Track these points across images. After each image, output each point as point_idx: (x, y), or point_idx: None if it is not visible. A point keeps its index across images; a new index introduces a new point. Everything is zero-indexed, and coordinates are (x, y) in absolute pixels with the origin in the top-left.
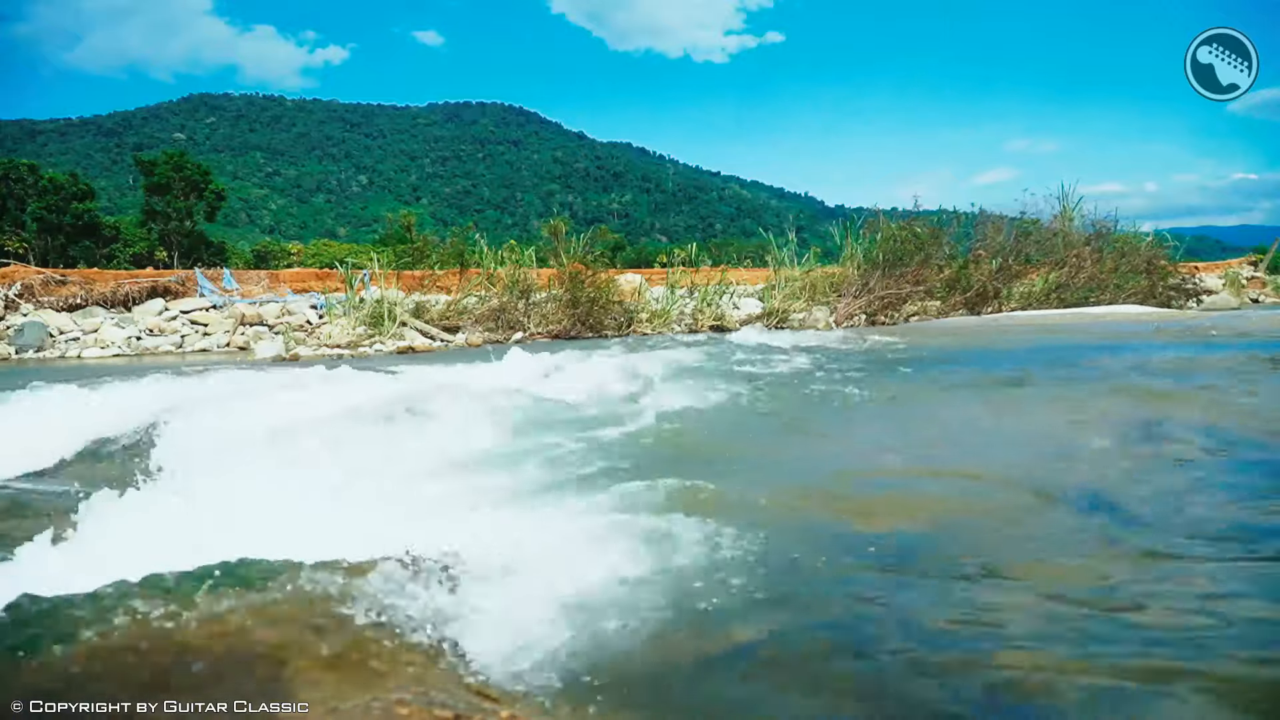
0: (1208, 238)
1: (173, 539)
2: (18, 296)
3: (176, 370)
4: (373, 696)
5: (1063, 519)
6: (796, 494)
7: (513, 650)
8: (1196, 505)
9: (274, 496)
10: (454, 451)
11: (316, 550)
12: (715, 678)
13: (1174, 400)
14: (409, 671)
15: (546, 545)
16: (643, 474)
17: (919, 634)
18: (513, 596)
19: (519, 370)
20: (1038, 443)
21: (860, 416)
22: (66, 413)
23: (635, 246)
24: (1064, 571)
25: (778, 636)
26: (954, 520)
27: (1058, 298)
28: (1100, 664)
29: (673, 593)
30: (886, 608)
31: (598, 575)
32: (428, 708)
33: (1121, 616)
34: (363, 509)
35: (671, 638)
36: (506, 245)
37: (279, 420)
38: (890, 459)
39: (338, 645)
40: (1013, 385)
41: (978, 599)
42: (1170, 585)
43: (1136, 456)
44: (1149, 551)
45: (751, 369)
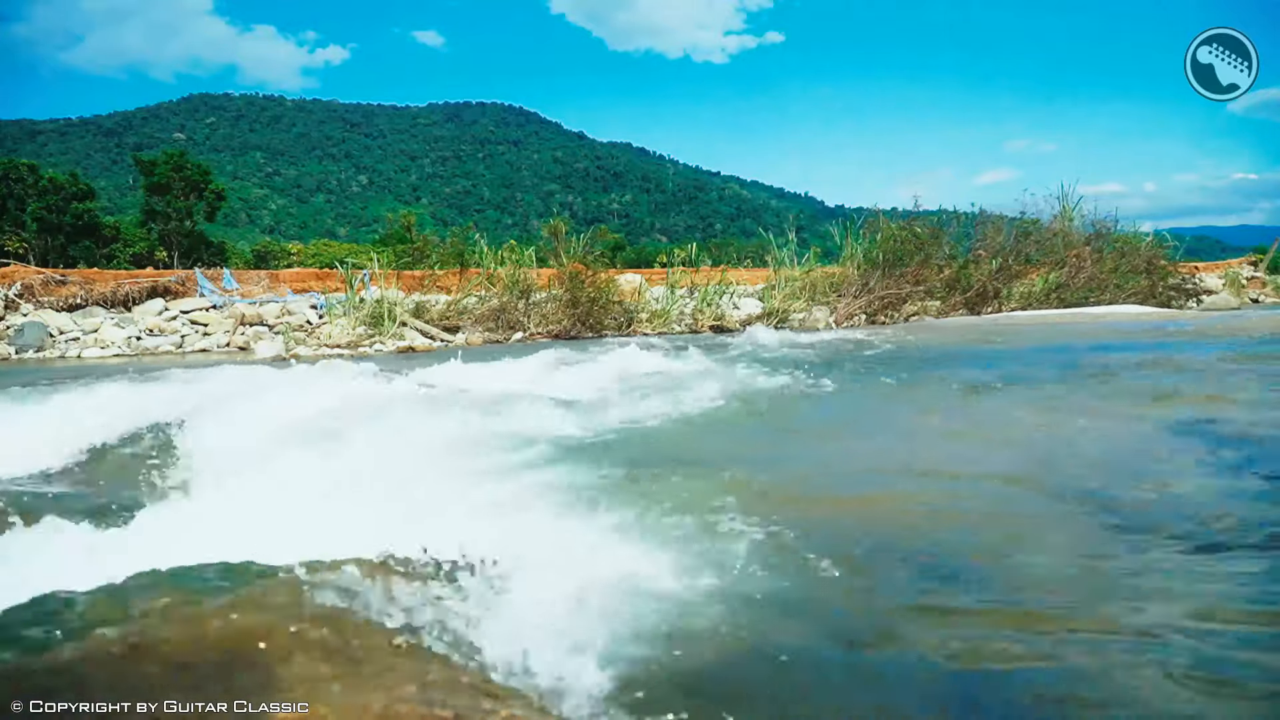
0: (1208, 238)
1: (172, 539)
2: (18, 296)
3: (177, 371)
4: (373, 696)
5: (1063, 519)
6: (797, 495)
7: (514, 650)
8: (1196, 505)
9: (273, 496)
10: (454, 451)
11: (316, 550)
12: (716, 678)
13: (1174, 400)
14: (409, 671)
15: (547, 544)
16: (641, 475)
17: (920, 635)
18: (514, 596)
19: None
20: (1038, 443)
21: (860, 416)
22: (67, 414)
23: (635, 246)
24: (1064, 570)
25: (783, 637)
26: (954, 520)
27: (1058, 298)
28: (1107, 663)
29: (675, 594)
30: (889, 607)
31: (599, 575)
32: (428, 708)
33: (1121, 615)
34: (361, 508)
35: (674, 638)
36: (506, 245)
37: (278, 420)
38: (891, 460)
39: (337, 645)
40: (1013, 385)
41: (976, 600)
42: (1174, 584)
43: (1136, 457)
44: (1147, 552)
45: (752, 369)
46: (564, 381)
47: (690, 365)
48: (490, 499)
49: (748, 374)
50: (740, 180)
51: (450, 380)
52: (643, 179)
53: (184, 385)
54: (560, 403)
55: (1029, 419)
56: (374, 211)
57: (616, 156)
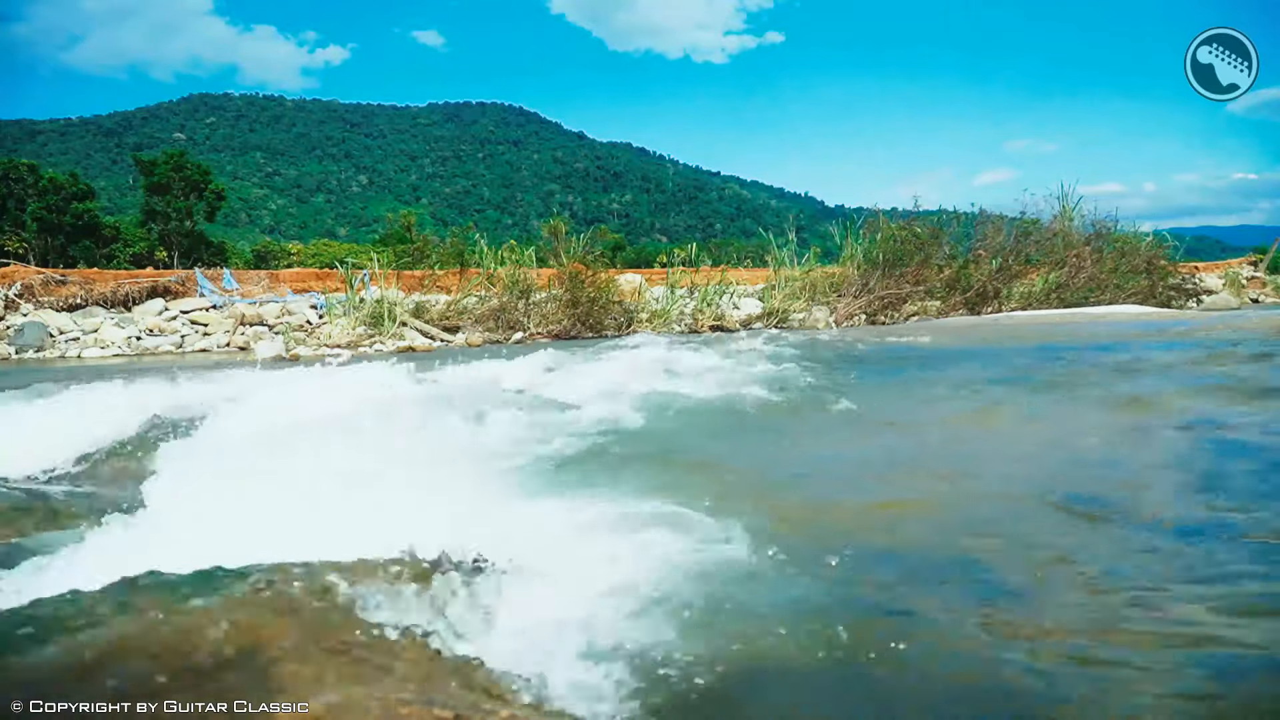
0: (1208, 238)
1: (173, 539)
2: (18, 296)
3: (177, 370)
4: (373, 696)
5: (1064, 519)
6: (797, 496)
7: (514, 649)
8: (1198, 504)
9: (273, 496)
10: (453, 451)
11: (316, 549)
12: (718, 679)
13: (1174, 399)
14: (409, 671)
15: (548, 545)
16: (640, 477)
17: (919, 633)
18: (514, 595)
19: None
20: (1038, 443)
21: (860, 416)
22: (67, 414)
23: (635, 246)
24: (1065, 570)
25: (787, 639)
26: (953, 521)
27: (1058, 298)
28: (1108, 662)
29: (677, 594)
30: (891, 606)
31: (601, 575)
32: (428, 707)
33: (1121, 615)
34: (360, 508)
35: (675, 639)
36: (506, 245)
37: (277, 420)
38: (892, 459)
39: (338, 644)
40: (1013, 385)
41: (973, 600)
42: (1176, 586)
43: (1137, 456)
44: (1150, 549)
45: (753, 368)
46: (571, 381)
47: (704, 360)
48: (491, 499)
49: (749, 373)
50: (740, 180)
51: (482, 376)
52: (643, 179)
53: (185, 385)
54: (563, 403)
55: (1029, 419)
56: (374, 211)
57: (616, 156)
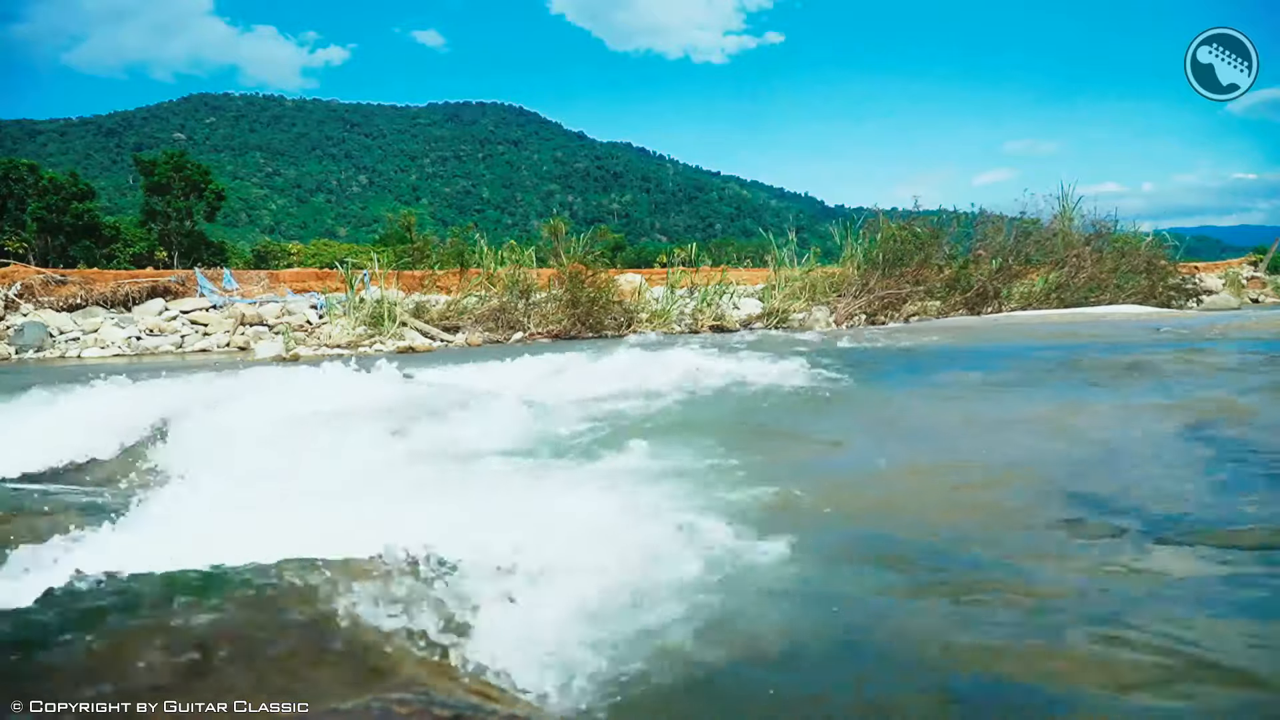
0: (1207, 238)
1: (173, 539)
2: (18, 296)
3: (177, 371)
4: (373, 696)
5: (1063, 520)
6: (797, 494)
7: (514, 649)
8: (1198, 504)
9: (273, 496)
10: (453, 451)
11: (316, 549)
12: (719, 680)
13: (1174, 399)
14: (409, 671)
15: (549, 545)
16: (639, 478)
17: (917, 634)
18: (514, 595)
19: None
20: (1037, 443)
21: (860, 417)
22: (65, 415)
23: (635, 246)
24: (1064, 572)
25: (788, 639)
26: (954, 520)
27: (1058, 298)
28: (1107, 662)
29: (677, 595)
30: (892, 607)
31: (601, 575)
32: (428, 708)
33: (1123, 616)
34: (359, 508)
35: (675, 639)
36: (506, 245)
37: (276, 420)
38: (893, 460)
39: (338, 644)
40: (1014, 385)
41: (973, 601)
42: (1175, 588)
43: (1136, 456)
44: (1148, 550)
45: (753, 369)
46: (574, 380)
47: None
48: (489, 499)
49: (750, 374)
50: (740, 180)
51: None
52: (643, 179)
53: (185, 385)
54: (549, 405)
55: (1030, 419)
56: (374, 211)
57: (616, 156)
